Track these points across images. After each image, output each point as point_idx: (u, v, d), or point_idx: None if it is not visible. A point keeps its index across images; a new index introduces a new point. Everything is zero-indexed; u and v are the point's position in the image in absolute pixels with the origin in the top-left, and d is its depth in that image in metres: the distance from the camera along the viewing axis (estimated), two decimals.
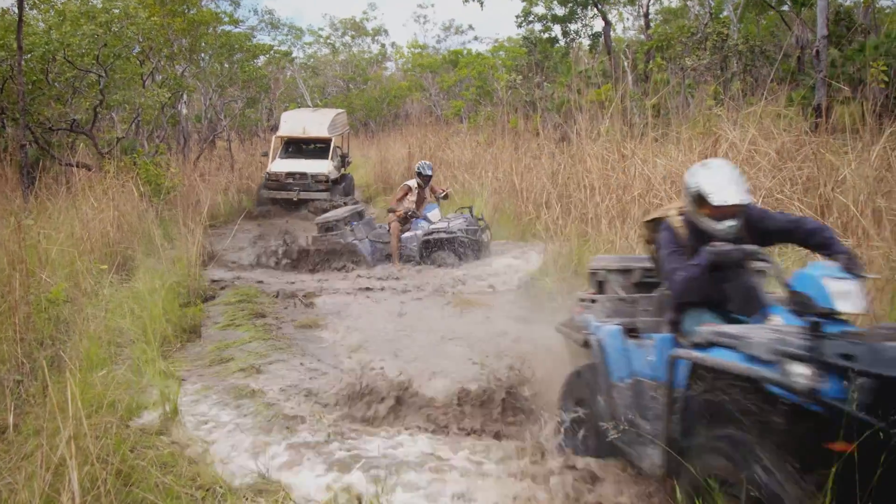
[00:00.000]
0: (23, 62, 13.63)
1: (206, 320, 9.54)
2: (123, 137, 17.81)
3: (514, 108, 23.11)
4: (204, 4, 29.01)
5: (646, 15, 29.68)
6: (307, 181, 21.78)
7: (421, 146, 23.87)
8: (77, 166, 14.97)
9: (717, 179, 4.66)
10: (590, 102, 16.77)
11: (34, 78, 14.79)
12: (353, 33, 54.46)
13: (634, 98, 16.74)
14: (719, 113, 12.48)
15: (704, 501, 3.82)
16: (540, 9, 31.02)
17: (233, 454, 5.39)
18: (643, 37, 29.48)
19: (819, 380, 3.41)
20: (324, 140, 23.61)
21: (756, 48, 21.52)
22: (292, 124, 24.26)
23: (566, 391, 5.38)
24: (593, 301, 5.47)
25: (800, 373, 3.45)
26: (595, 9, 29.10)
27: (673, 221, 4.87)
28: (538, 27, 31.68)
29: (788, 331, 3.82)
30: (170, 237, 12.36)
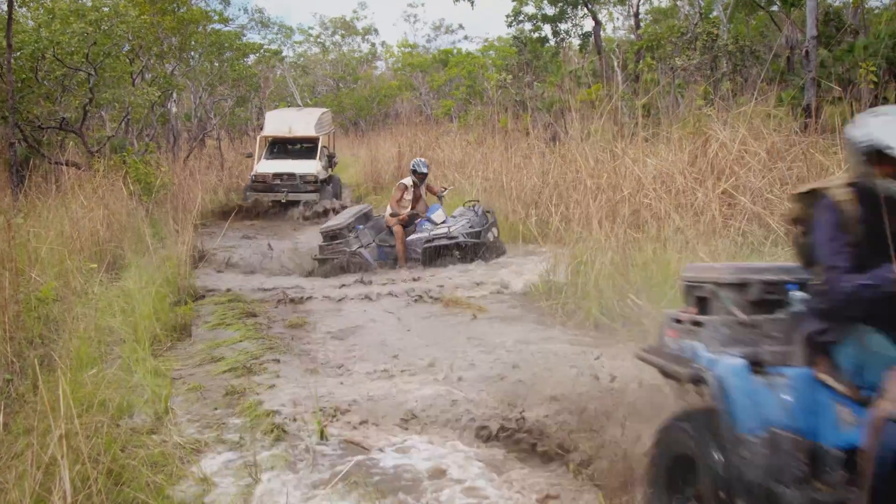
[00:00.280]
0: (12, 60, 13.60)
1: (197, 319, 9.51)
2: (113, 136, 17.80)
3: (505, 108, 23.11)
4: (194, 3, 28.91)
5: (636, 15, 29.76)
6: (296, 182, 21.36)
7: (411, 145, 23.83)
8: (67, 165, 14.94)
9: None
10: (580, 102, 16.80)
11: (23, 76, 14.74)
12: (343, 32, 54.53)
13: (625, 98, 16.76)
14: (709, 113, 12.51)
15: None
16: (530, 8, 31.05)
17: (225, 455, 5.38)
18: (633, 37, 29.56)
19: None
20: (311, 139, 23.25)
21: (746, 48, 21.57)
22: (277, 124, 23.88)
23: (661, 443, 4.23)
24: (698, 324, 4.26)
25: None
26: (585, 8, 29.13)
27: (836, 195, 3.56)
28: (528, 27, 31.69)
29: None
30: (160, 236, 12.32)
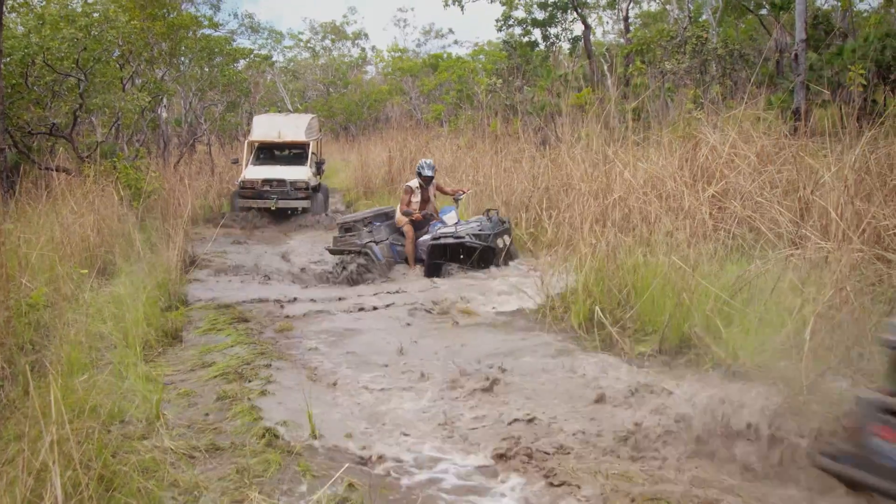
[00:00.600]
0: (2, 66, 13.56)
1: (188, 324, 9.50)
2: (103, 141, 17.77)
3: (495, 112, 23.16)
4: (184, 8, 29.03)
5: (625, 19, 29.86)
6: (286, 188, 20.79)
7: (401, 150, 23.81)
8: (57, 170, 14.91)
9: None
10: (570, 106, 16.84)
11: (13, 81, 14.71)
12: (334, 37, 54.61)
13: (615, 101, 16.81)
14: (699, 116, 12.55)
15: None
16: (520, 13, 31.13)
17: (216, 459, 5.38)
18: (623, 41, 29.67)
19: None
20: (300, 144, 22.83)
21: (735, 52, 21.65)
22: (266, 128, 23.15)
23: None
24: None
25: None
26: (575, 13, 29.21)
27: None
28: (518, 31, 31.76)
29: None
30: (150, 241, 12.29)
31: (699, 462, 5.12)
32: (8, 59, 14.51)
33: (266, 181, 20.81)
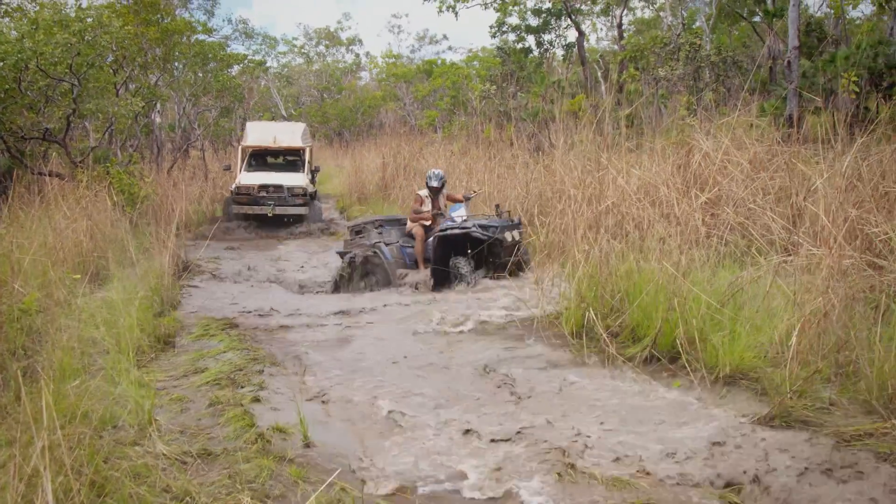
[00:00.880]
0: None
1: (181, 330, 9.48)
2: (97, 147, 17.77)
3: (489, 118, 23.20)
4: (178, 13, 29.06)
5: (619, 26, 29.92)
6: (283, 195, 20.31)
7: (395, 156, 23.82)
8: (50, 175, 14.91)
9: None
10: (564, 112, 16.86)
11: (6, 86, 14.69)
12: (328, 43, 54.67)
13: (608, 108, 16.84)
14: (692, 123, 12.59)
15: None
16: (514, 19, 31.29)
17: (208, 465, 5.37)
18: (616, 47, 29.74)
19: None
20: (296, 150, 22.51)
21: (728, 59, 21.75)
22: (261, 134, 22.69)
23: None
24: None
25: None
26: (569, 19, 29.29)
27: None
28: (512, 37, 31.92)
29: None
30: (143, 247, 12.29)
31: None
32: (1, 64, 14.49)
33: (262, 187, 20.28)
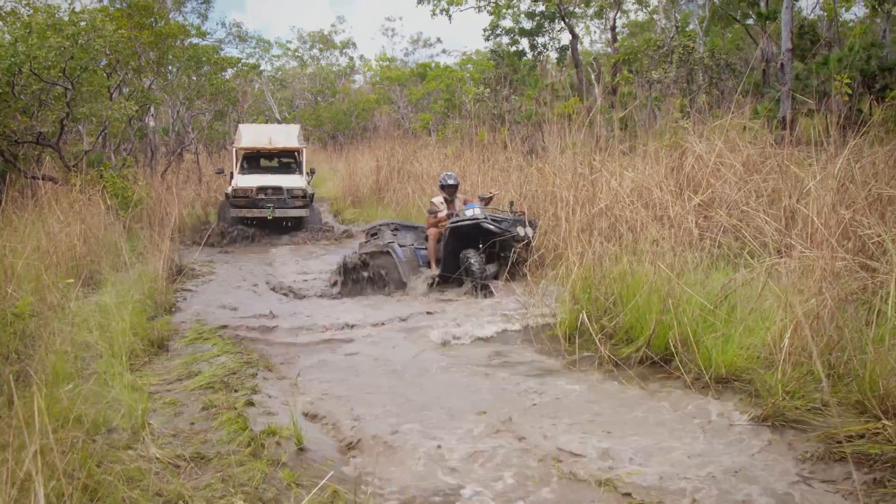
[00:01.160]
0: None
1: (174, 334, 9.48)
2: (90, 150, 17.74)
3: (483, 121, 23.20)
4: (171, 17, 29.06)
5: (612, 28, 29.99)
6: (283, 196, 19.73)
7: (389, 159, 23.82)
8: (43, 179, 14.88)
9: None
10: (557, 115, 16.88)
11: (0, 90, 14.68)
12: (322, 46, 54.62)
13: (602, 111, 16.86)
14: (686, 126, 12.59)
15: None
16: (507, 22, 31.28)
17: (201, 468, 5.37)
18: (610, 50, 29.80)
19: None
20: (292, 151, 21.96)
21: (722, 61, 21.80)
22: (256, 135, 21.97)
23: None
24: None
25: None
26: (562, 22, 29.32)
27: None
28: (506, 40, 31.92)
29: None
30: (137, 251, 12.27)
31: None
32: None
33: (261, 189, 19.72)
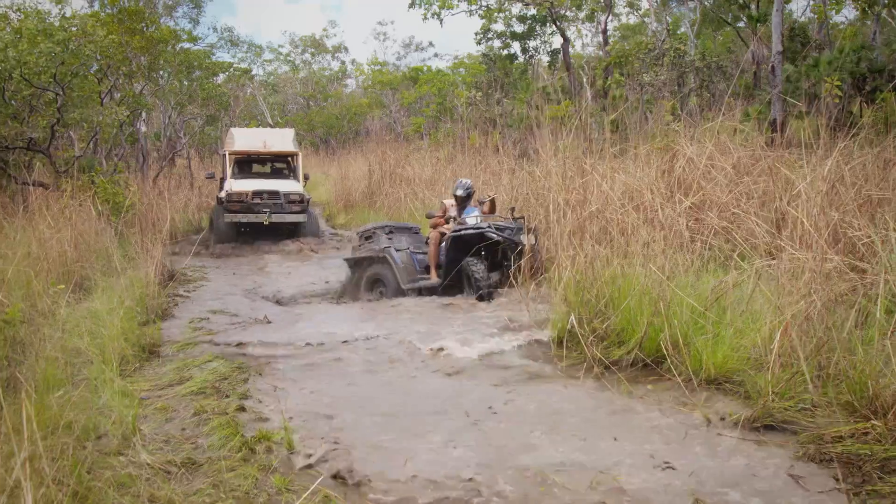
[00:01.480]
0: None
1: (166, 340, 9.45)
2: (81, 156, 17.71)
3: (474, 125, 23.21)
4: (163, 22, 29.03)
5: (604, 32, 30.03)
6: (279, 201, 19.14)
7: (381, 163, 23.80)
8: (34, 185, 14.87)
9: None
10: (549, 119, 16.89)
11: None
12: (314, 50, 54.62)
13: (593, 114, 16.87)
14: (677, 128, 12.60)
15: None
16: (499, 26, 31.36)
17: (193, 474, 5.36)
18: (602, 53, 29.81)
19: None
20: (288, 155, 21.42)
21: (713, 64, 21.87)
22: (249, 139, 21.27)
23: None
24: None
25: None
26: (554, 26, 29.39)
27: None
28: (497, 44, 31.99)
29: None
30: (129, 256, 12.24)
31: None
32: None
33: (257, 193, 19.13)
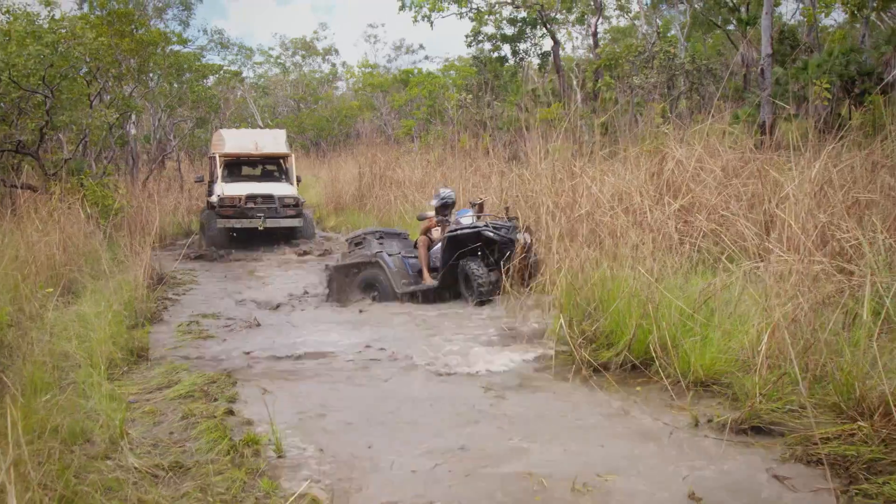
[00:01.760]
0: None
1: (154, 343, 9.43)
2: (70, 159, 17.65)
3: (465, 127, 23.22)
4: (153, 24, 28.99)
5: (594, 34, 30.05)
6: (274, 205, 18.62)
7: (371, 166, 23.79)
8: (22, 188, 14.84)
9: None
10: (539, 121, 16.90)
11: None
12: (304, 53, 54.58)
13: (583, 116, 16.90)
14: (667, 131, 12.62)
15: None
16: (489, 28, 31.35)
17: (180, 477, 5.35)
18: (592, 56, 29.83)
19: None
20: (280, 157, 21.01)
21: (702, 67, 21.92)
22: (240, 141, 20.66)
23: None
24: None
25: None
26: (544, 28, 29.40)
27: None
28: (488, 46, 32.03)
29: None
30: (118, 259, 12.21)
31: None
32: None
33: (251, 197, 18.56)
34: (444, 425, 6.38)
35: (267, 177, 21.03)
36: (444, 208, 12.35)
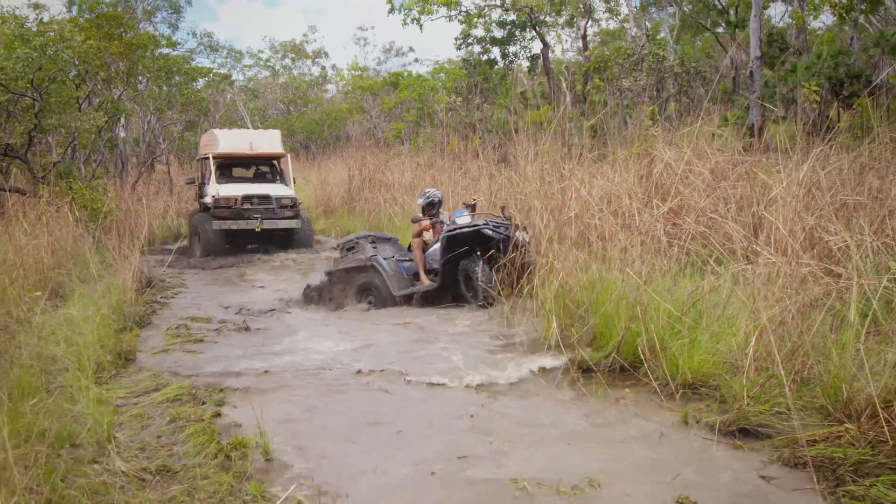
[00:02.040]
0: None
1: (143, 346, 9.41)
2: (59, 162, 17.62)
3: (455, 130, 23.22)
4: (142, 27, 28.95)
5: (583, 37, 30.10)
6: (271, 206, 18.29)
7: (361, 169, 23.78)
8: (11, 191, 14.80)
9: None
10: (528, 124, 16.92)
11: None
12: (294, 56, 54.56)
13: (573, 119, 16.91)
14: (656, 133, 12.64)
15: None
16: (479, 31, 31.37)
17: (167, 481, 5.33)
18: (581, 58, 29.89)
19: None
20: (273, 158, 20.70)
21: (692, 69, 21.97)
22: (235, 141, 20.16)
23: None
24: None
25: None
26: (533, 31, 29.45)
27: None
28: (477, 49, 32.06)
29: None
30: (106, 263, 12.17)
31: None
32: None
33: (247, 198, 18.21)
34: (432, 430, 6.38)
35: (261, 177, 20.72)
36: (430, 207, 12.35)
